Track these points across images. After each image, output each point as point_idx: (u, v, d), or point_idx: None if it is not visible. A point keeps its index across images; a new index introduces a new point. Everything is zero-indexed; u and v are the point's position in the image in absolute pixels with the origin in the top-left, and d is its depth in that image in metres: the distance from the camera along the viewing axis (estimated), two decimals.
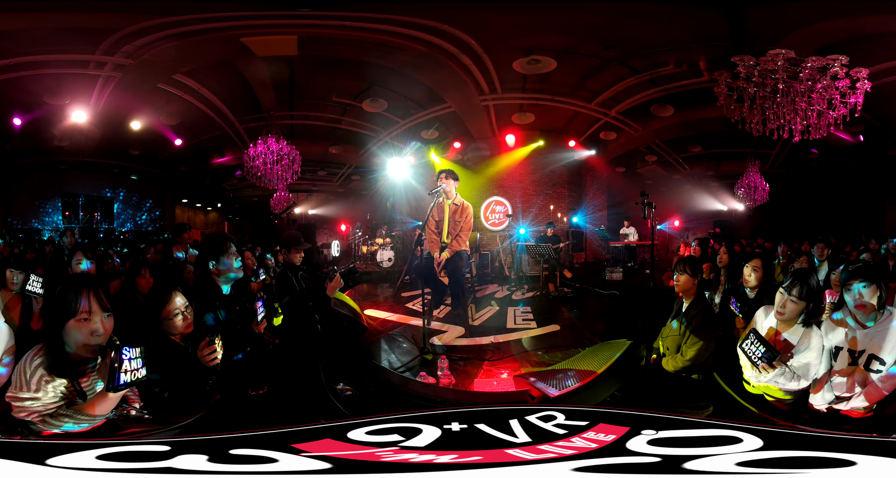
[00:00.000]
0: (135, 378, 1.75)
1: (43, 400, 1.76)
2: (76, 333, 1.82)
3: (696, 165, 12.05)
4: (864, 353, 2.27)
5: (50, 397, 1.77)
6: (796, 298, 2.37)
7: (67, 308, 1.81)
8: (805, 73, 5.66)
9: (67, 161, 11.05)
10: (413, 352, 4.22)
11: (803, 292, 2.36)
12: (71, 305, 1.81)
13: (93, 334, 1.83)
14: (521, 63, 7.64)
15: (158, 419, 1.99)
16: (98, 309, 1.85)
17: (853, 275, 2.26)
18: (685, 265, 3.04)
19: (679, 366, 3.00)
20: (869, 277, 2.23)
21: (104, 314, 1.86)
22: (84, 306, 1.82)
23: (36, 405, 1.76)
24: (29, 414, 1.75)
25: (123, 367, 1.71)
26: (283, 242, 3.78)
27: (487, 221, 11.34)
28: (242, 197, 14.15)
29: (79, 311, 1.81)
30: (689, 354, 2.95)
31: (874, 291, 2.22)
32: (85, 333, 1.82)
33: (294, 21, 6.51)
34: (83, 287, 1.85)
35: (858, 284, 2.23)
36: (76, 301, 1.82)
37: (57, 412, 1.77)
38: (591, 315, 5.96)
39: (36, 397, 1.76)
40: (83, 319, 1.82)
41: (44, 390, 1.77)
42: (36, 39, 6.53)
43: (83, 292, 1.84)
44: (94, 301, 1.84)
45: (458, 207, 4.94)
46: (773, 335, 2.51)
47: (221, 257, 2.68)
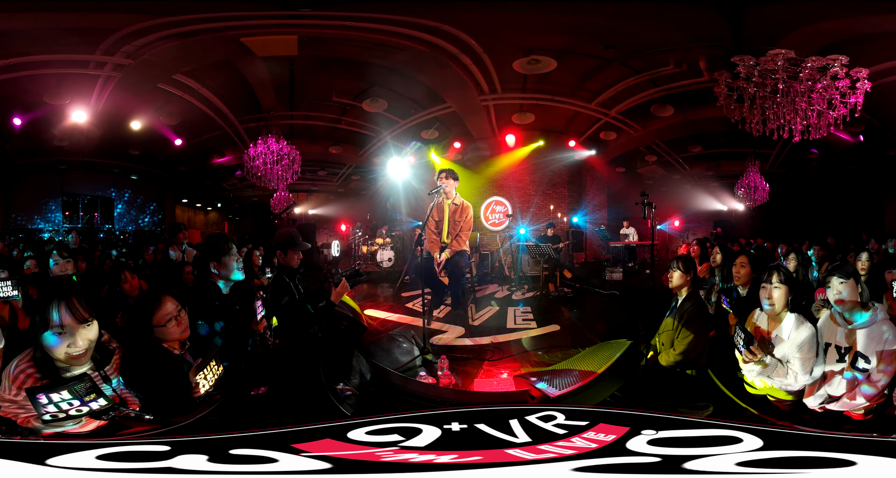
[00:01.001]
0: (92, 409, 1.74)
1: (20, 402, 1.75)
2: (52, 344, 1.76)
3: (696, 165, 12.04)
4: (850, 350, 2.31)
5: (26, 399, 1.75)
6: (777, 283, 2.50)
7: (43, 321, 1.75)
8: (805, 73, 5.66)
9: (67, 161, 11.03)
10: (413, 352, 4.22)
11: (781, 278, 2.51)
12: (45, 319, 1.74)
13: (70, 347, 1.77)
14: (521, 63, 7.63)
15: (158, 419, 1.98)
16: (72, 321, 1.76)
17: (830, 272, 2.41)
18: (678, 262, 3.15)
19: (671, 360, 3.03)
20: (844, 273, 2.34)
21: (82, 325, 1.78)
22: (56, 321, 1.74)
23: (13, 408, 1.74)
24: (15, 417, 1.74)
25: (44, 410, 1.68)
26: (277, 242, 3.17)
27: (487, 221, 11.34)
28: (242, 197, 14.15)
29: (52, 325, 1.74)
30: (679, 348, 3.00)
31: (852, 287, 2.32)
32: (63, 345, 1.76)
33: (294, 21, 6.50)
34: (54, 299, 1.76)
35: (836, 281, 2.35)
36: (48, 314, 1.74)
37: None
38: (591, 315, 5.96)
39: (16, 399, 1.75)
40: (59, 334, 1.75)
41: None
42: (36, 39, 6.52)
43: (54, 306, 1.75)
44: (66, 314, 1.75)
45: (457, 207, 4.94)
46: (765, 334, 2.57)
47: (223, 258, 2.65)
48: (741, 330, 2.48)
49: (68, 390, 1.70)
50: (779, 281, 2.50)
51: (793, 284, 2.54)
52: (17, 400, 1.74)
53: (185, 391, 2.14)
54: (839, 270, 2.38)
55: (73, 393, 1.72)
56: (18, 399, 1.74)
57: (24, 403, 1.74)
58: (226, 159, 11.50)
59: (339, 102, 9.45)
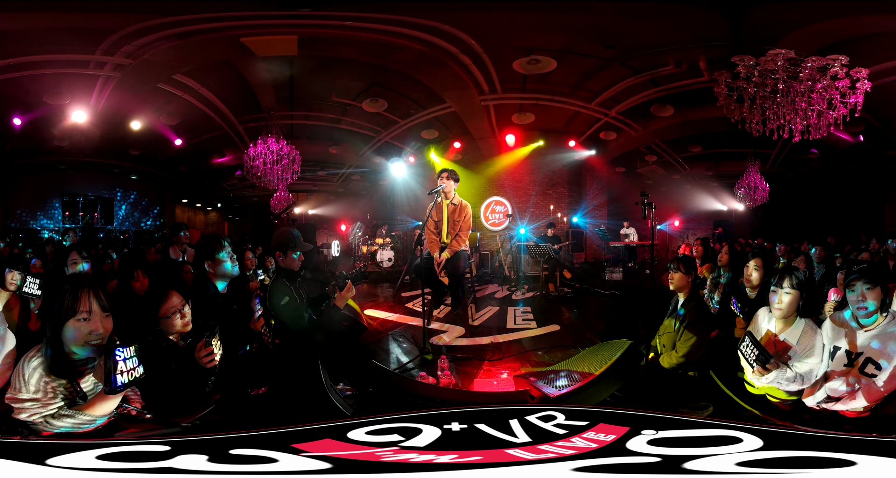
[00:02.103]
0: (132, 378, 1.75)
1: (43, 401, 1.76)
2: (75, 333, 1.82)
3: (696, 165, 12.03)
4: (861, 355, 2.26)
5: (50, 397, 1.77)
6: (789, 288, 2.43)
7: (68, 308, 1.82)
8: (805, 73, 5.66)
9: (67, 161, 11.04)
10: (413, 352, 4.21)
11: (794, 282, 2.43)
12: (71, 305, 1.82)
13: (91, 334, 1.84)
14: (521, 63, 7.64)
15: (158, 419, 1.99)
16: (97, 309, 1.86)
17: (857, 276, 2.27)
18: (679, 263, 3.12)
19: (674, 362, 3.02)
20: (873, 279, 2.23)
21: (103, 314, 1.88)
22: (84, 306, 1.83)
23: (36, 407, 1.76)
24: (30, 415, 1.75)
25: (119, 368, 1.71)
26: (275, 243, 3.07)
27: (487, 221, 11.34)
28: (242, 197, 14.14)
29: (79, 310, 1.83)
30: (682, 350, 2.98)
31: (878, 294, 2.23)
32: (84, 333, 1.83)
33: (294, 21, 6.51)
34: (83, 287, 1.87)
35: (862, 286, 2.24)
36: (77, 301, 1.83)
37: (58, 413, 1.77)
38: (591, 315, 5.96)
39: (35, 397, 1.76)
40: (83, 319, 1.83)
41: (43, 391, 1.77)
42: (36, 39, 6.52)
43: (83, 292, 1.85)
44: (93, 301, 1.86)
45: (456, 207, 4.94)
46: (773, 337, 2.51)
47: (216, 257, 2.74)
48: (754, 345, 2.34)
49: (133, 346, 1.76)
50: (790, 286, 2.42)
51: (804, 288, 2.44)
52: (39, 398, 1.76)
53: (190, 379, 2.20)
54: (866, 275, 2.25)
55: (136, 353, 1.77)
56: (40, 397, 1.76)
57: (48, 401, 1.76)
58: (226, 159, 11.51)
59: (339, 102, 9.45)
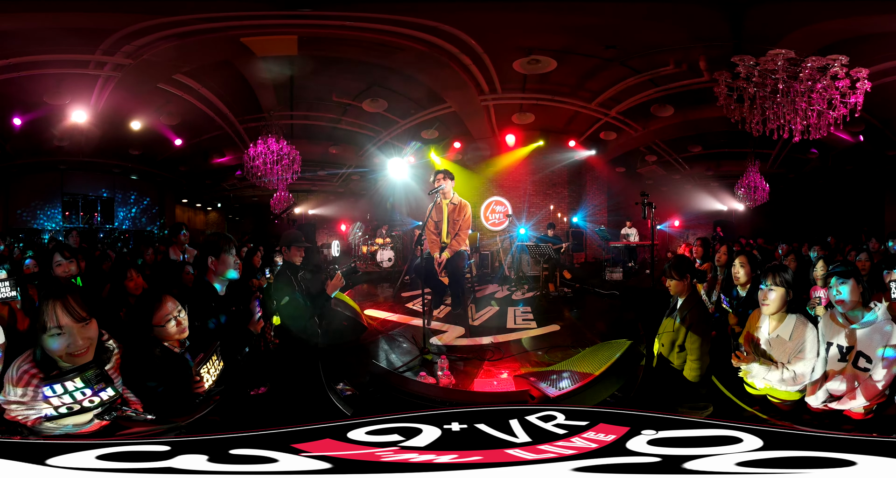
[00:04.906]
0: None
1: (28, 404, 1.75)
2: (54, 346, 1.78)
3: (696, 165, 12.03)
4: (852, 349, 2.32)
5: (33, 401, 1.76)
6: (774, 285, 2.51)
7: (42, 324, 1.77)
8: (805, 73, 5.65)
9: (67, 161, 11.03)
10: (413, 352, 4.21)
11: (777, 279, 2.51)
12: (43, 321, 1.77)
13: (70, 346, 1.78)
14: (521, 63, 7.63)
15: (158, 419, 1.99)
16: (69, 322, 1.78)
17: (831, 272, 2.43)
18: (671, 271, 3.13)
19: (696, 368, 2.96)
20: (844, 274, 2.36)
21: (79, 325, 1.80)
22: (53, 322, 1.77)
23: (21, 409, 1.75)
24: (16, 416, 1.75)
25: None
26: (283, 239, 3.79)
27: (487, 221, 11.34)
28: (242, 197, 14.13)
29: (49, 327, 1.76)
30: (694, 355, 2.98)
31: (853, 287, 2.33)
32: (63, 346, 1.78)
33: (294, 21, 6.51)
34: (50, 300, 1.78)
35: (836, 281, 2.36)
36: (46, 317, 1.77)
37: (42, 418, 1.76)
38: (591, 315, 5.96)
39: (22, 401, 1.75)
40: (57, 334, 1.77)
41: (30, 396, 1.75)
42: (36, 39, 6.52)
43: (51, 306, 1.77)
44: (63, 315, 1.77)
45: (455, 207, 4.96)
46: (769, 336, 2.57)
47: (222, 255, 2.68)
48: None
49: (80, 377, 1.76)
50: (774, 283, 2.51)
51: (791, 285, 2.53)
52: (25, 401, 1.75)
53: (187, 389, 2.15)
54: (838, 270, 2.38)
55: (85, 381, 1.76)
56: (26, 400, 1.74)
57: (34, 403, 1.75)
58: (226, 159, 11.50)
59: (339, 102, 9.45)
